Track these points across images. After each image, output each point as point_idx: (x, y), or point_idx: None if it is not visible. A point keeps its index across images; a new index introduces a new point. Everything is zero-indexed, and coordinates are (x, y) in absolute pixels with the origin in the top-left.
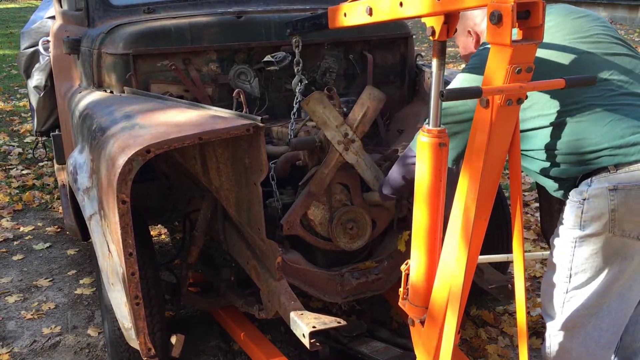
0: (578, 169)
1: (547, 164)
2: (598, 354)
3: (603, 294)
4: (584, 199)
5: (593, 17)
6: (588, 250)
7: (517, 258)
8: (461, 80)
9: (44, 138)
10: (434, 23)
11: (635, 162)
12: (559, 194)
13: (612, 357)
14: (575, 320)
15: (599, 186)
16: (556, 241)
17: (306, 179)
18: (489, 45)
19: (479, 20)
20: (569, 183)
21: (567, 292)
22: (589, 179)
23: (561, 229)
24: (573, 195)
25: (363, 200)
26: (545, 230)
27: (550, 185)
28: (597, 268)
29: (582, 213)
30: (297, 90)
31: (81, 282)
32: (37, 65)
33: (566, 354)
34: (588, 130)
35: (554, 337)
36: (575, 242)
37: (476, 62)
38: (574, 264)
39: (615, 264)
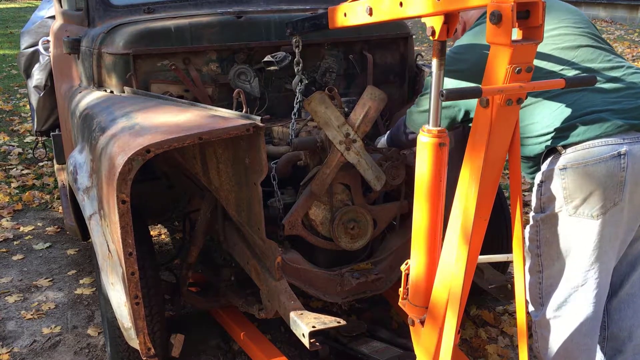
0: (533, 149)
1: None
2: (583, 342)
3: (571, 278)
4: (542, 182)
5: (565, 10)
6: (550, 232)
7: (517, 258)
8: (466, 39)
9: (44, 138)
10: (434, 23)
11: (581, 142)
12: (528, 177)
13: (602, 347)
14: (554, 309)
15: (550, 167)
16: (527, 229)
17: (307, 179)
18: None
19: None
20: (531, 164)
21: (541, 282)
22: (544, 162)
23: (530, 215)
24: (535, 179)
25: (364, 200)
26: None
27: (522, 166)
28: (561, 251)
29: (540, 195)
30: (297, 90)
31: (81, 282)
32: (37, 65)
33: (554, 347)
34: (541, 114)
35: (539, 331)
36: (539, 225)
37: (477, 30)
38: (541, 250)
39: (576, 244)
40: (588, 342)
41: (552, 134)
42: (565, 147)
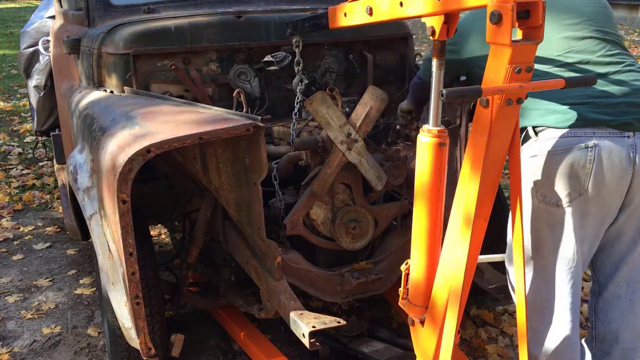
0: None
1: None
2: (561, 332)
3: (539, 266)
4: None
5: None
6: (523, 218)
7: (517, 258)
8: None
9: (44, 138)
10: (434, 23)
11: (553, 128)
12: None
13: (590, 347)
14: (535, 301)
15: (524, 155)
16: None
17: (309, 179)
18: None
19: None
20: None
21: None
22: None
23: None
24: None
25: (365, 200)
26: None
27: None
28: (532, 237)
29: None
30: (297, 90)
31: (81, 282)
32: (37, 65)
33: (536, 335)
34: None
35: (527, 323)
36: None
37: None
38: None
39: (545, 231)
40: (566, 333)
41: (529, 116)
42: (537, 133)
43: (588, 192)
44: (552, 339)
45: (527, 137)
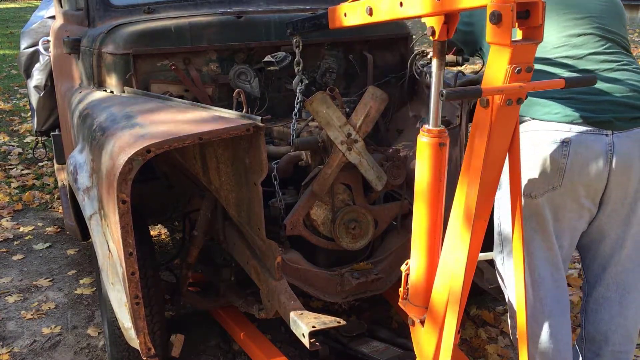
0: None
1: None
2: (546, 321)
3: (529, 262)
4: None
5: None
6: (504, 209)
7: (517, 258)
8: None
9: (44, 138)
10: (434, 23)
11: (532, 120)
12: None
13: (580, 348)
14: (512, 290)
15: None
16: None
17: (309, 179)
18: None
19: None
20: None
21: (503, 263)
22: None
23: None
24: None
25: (365, 201)
26: None
27: None
28: (509, 228)
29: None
30: (297, 91)
31: (81, 282)
32: (37, 65)
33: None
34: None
35: (513, 316)
36: (498, 202)
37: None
38: (501, 227)
39: (527, 224)
40: (551, 321)
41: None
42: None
43: (562, 186)
44: (538, 334)
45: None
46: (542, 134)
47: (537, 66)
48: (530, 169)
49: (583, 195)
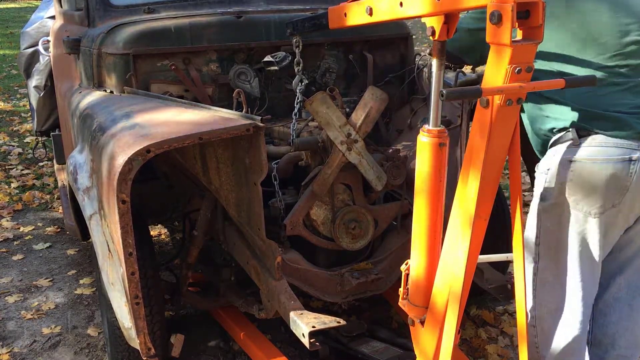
0: (556, 122)
1: (538, 113)
2: (576, 337)
3: (562, 272)
4: (548, 169)
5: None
6: (550, 222)
7: (517, 258)
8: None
9: (44, 138)
10: (434, 23)
11: (597, 134)
12: (539, 154)
13: (587, 350)
14: (547, 302)
15: (561, 157)
16: (528, 217)
17: (309, 179)
18: None
19: None
20: (544, 140)
21: (536, 274)
22: (555, 148)
23: (532, 202)
24: (540, 165)
25: (365, 201)
26: None
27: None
28: (557, 242)
29: (545, 182)
30: (297, 91)
31: (81, 282)
32: (37, 65)
33: (550, 341)
34: (572, 95)
35: (538, 325)
36: (540, 213)
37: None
38: (541, 239)
39: (571, 238)
40: (577, 337)
41: (568, 115)
42: (580, 136)
43: (620, 204)
44: (562, 342)
45: (565, 138)
46: (609, 151)
47: (598, 75)
48: (591, 187)
49: (636, 212)
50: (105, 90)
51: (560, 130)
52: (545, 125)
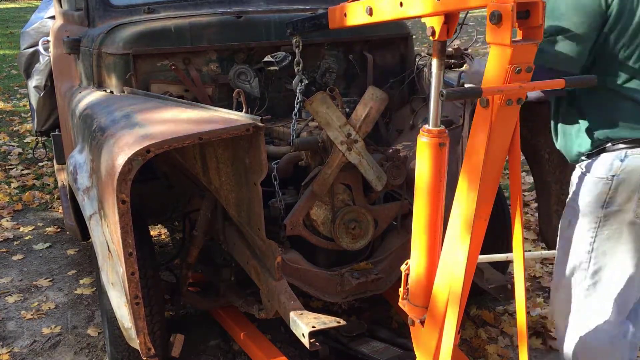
0: (617, 132)
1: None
2: (621, 346)
3: (621, 281)
4: (614, 176)
5: None
6: (610, 230)
7: (517, 258)
8: None
9: (44, 138)
10: (434, 23)
11: None
12: (575, 157)
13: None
14: (599, 313)
15: (630, 164)
16: (574, 225)
17: (309, 179)
18: None
19: None
20: (595, 144)
21: (585, 279)
22: (622, 152)
23: (582, 209)
24: (598, 169)
25: (365, 201)
26: (544, 232)
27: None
28: (616, 250)
29: (609, 189)
30: (297, 91)
31: (81, 282)
32: (37, 65)
33: (592, 351)
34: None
35: (573, 335)
36: (600, 220)
37: None
38: (595, 245)
39: (633, 247)
40: (626, 345)
41: (613, 125)
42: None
43: None
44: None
45: (632, 145)
46: None
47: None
48: None
49: None
50: (105, 90)
51: (626, 138)
52: (607, 127)
